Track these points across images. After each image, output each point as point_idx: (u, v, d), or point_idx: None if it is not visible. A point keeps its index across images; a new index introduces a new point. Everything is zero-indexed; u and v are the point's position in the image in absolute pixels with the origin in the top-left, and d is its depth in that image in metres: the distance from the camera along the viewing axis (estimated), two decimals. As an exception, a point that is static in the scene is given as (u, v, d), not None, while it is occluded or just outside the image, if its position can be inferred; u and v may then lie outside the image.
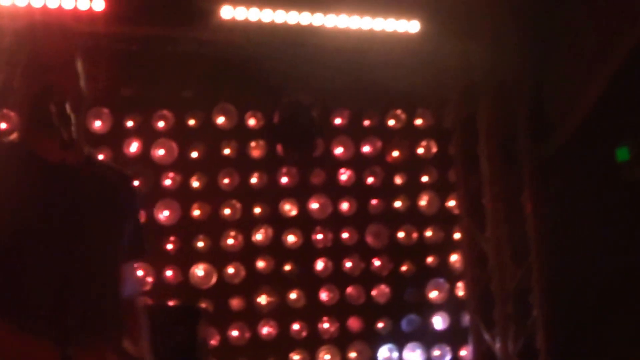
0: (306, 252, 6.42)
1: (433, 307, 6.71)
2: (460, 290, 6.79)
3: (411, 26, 6.03)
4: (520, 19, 6.30)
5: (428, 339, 6.65)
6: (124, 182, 2.67)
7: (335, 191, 6.55)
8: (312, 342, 6.35)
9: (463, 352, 6.74)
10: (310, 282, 6.40)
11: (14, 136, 2.54)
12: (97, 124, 5.92)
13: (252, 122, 6.38)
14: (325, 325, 6.41)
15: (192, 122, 6.23)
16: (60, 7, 5.16)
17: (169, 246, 6.06)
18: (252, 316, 6.20)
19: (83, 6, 5.22)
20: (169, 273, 6.02)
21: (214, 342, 6.00)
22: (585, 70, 6.28)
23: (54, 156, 2.37)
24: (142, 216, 5.72)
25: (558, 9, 6.20)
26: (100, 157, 5.62)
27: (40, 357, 2.26)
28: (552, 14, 6.25)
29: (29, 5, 5.09)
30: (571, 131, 6.56)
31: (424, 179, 6.80)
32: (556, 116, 6.58)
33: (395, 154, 6.74)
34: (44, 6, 5.13)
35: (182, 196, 6.12)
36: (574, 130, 6.54)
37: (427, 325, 6.68)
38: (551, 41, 6.36)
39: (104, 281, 2.46)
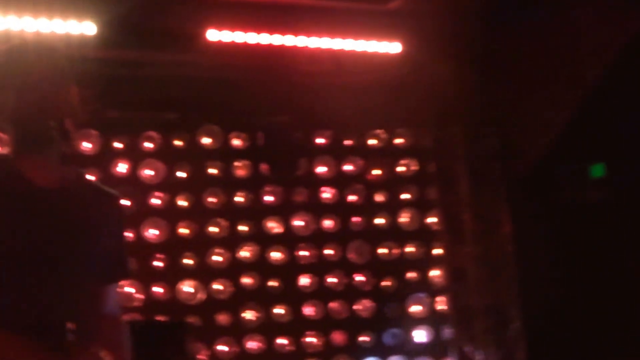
0: (290, 268, 6.52)
1: (415, 321, 6.83)
2: (441, 305, 6.93)
3: (393, 47, 6.19)
4: (495, 42, 6.50)
5: (410, 352, 6.76)
6: (110, 202, 2.63)
7: (318, 209, 6.67)
8: (297, 356, 6.44)
9: (444, 365, 6.89)
10: (294, 298, 6.51)
11: (3, 152, 2.57)
12: (86, 145, 6.04)
13: (236, 142, 6.50)
14: (310, 340, 6.52)
15: (178, 142, 6.34)
16: (52, 32, 5.28)
17: (158, 263, 6.14)
18: (238, 331, 6.29)
19: (74, 30, 5.35)
20: (157, 289, 6.11)
21: (202, 356, 6.09)
22: (554, 97, 6.47)
23: (40, 177, 2.41)
24: (128, 236, 5.89)
25: (528, 38, 6.39)
26: (91, 177, 5.84)
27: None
28: (522, 41, 6.44)
29: (22, 30, 5.21)
30: (543, 151, 6.74)
31: (405, 196, 6.93)
32: (527, 138, 6.76)
33: (376, 172, 6.88)
34: (37, 31, 5.24)
35: (170, 215, 6.22)
36: (546, 151, 6.72)
37: (409, 338, 6.80)
38: (520, 66, 6.54)
39: (83, 304, 2.44)
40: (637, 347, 6.21)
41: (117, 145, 6.18)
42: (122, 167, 6.16)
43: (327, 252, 6.67)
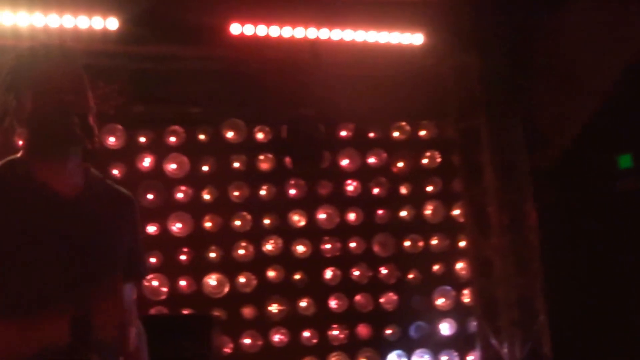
0: (315, 262, 6.54)
1: (440, 314, 6.82)
2: (467, 297, 6.91)
3: (415, 39, 6.16)
4: (520, 32, 6.44)
5: (436, 345, 6.75)
6: (126, 204, 2.61)
7: (342, 202, 6.67)
8: (322, 349, 6.46)
9: (470, 358, 6.85)
10: (319, 291, 6.52)
11: (20, 155, 2.48)
12: (112, 140, 6.09)
13: (260, 136, 6.53)
14: (335, 333, 6.53)
15: (202, 137, 6.37)
16: (75, 26, 5.31)
17: (183, 257, 6.18)
18: (263, 324, 6.32)
19: (97, 25, 5.38)
20: (182, 283, 6.15)
21: (227, 349, 6.12)
22: (581, 87, 6.41)
23: (57, 183, 2.39)
24: (152, 230, 5.93)
25: (555, 25, 6.34)
26: (115, 172, 5.88)
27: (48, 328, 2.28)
28: (550, 29, 6.39)
29: (45, 25, 5.25)
30: (569, 142, 6.68)
31: (429, 188, 6.93)
32: (553, 127, 6.71)
33: (400, 164, 6.87)
34: (60, 26, 5.28)
35: (194, 209, 6.25)
36: (572, 141, 6.67)
37: (435, 331, 6.79)
38: (547, 58, 6.49)
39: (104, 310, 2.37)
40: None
41: (142, 139, 6.23)
42: (146, 162, 6.21)
43: (352, 245, 6.67)
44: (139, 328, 2.66)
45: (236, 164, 6.44)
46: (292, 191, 6.58)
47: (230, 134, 6.43)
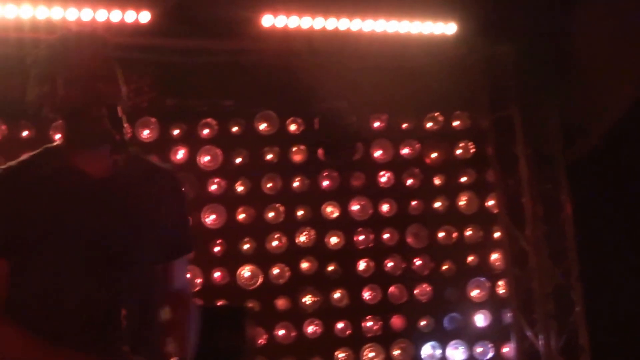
0: (348, 253, 6.54)
1: (475, 305, 6.79)
2: (502, 289, 6.87)
3: (448, 28, 6.12)
4: (555, 22, 6.37)
5: (470, 336, 6.73)
6: (167, 179, 2.61)
7: (375, 193, 6.67)
8: (356, 340, 6.47)
9: (505, 349, 6.81)
10: (353, 282, 6.52)
11: (56, 143, 2.54)
12: (145, 132, 6.13)
13: (293, 127, 6.53)
14: (369, 324, 6.54)
15: (235, 129, 6.40)
16: (108, 19, 5.35)
17: (216, 249, 6.22)
18: (297, 315, 6.34)
19: (130, 18, 5.41)
20: (216, 274, 6.19)
21: (261, 340, 6.15)
22: (617, 76, 6.32)
23: (92, 167, 2.42)
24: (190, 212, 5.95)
25: (592, 15, 6.25)
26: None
27: None
28: (586, 19, 6.30)
29: (78, 18, 5.29)
30: (604, 133, 6.60)
31: (463, 179, 6.90)
32: (589, 118, 6.63)
33: (434, 155, 6.85)
34: (93, 19, 5.32)
35: (228, 201, 6.28)
36: (608, 132, 6.58)
37: (469, 323, 6.76)
38: (583, 48, 6.41)
39: (143, 290, 2.44)
40: None
41: (175, 132, 6.26)
42: (180, 154, 6.25)
43: (385, 236, 6.66)
44: (186, 302, 2.64)
45: (269, 156, 6.46)
46: (325, 183, 6.58)
47: (263, 126, 6.44)
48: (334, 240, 6.53)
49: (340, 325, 6.46)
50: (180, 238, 2.62)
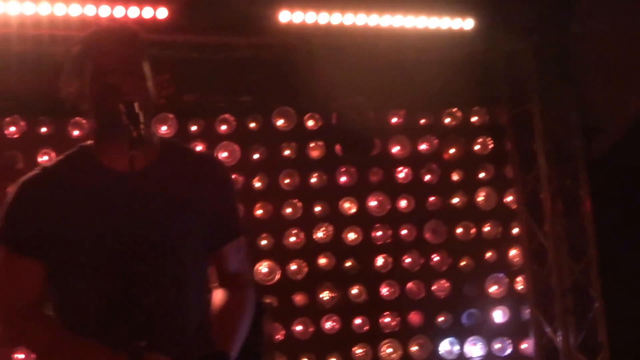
0: (366, 249, 6.53)
1: (493, 301, 6.77)
2: (520, 285, 6.84)
3: (466, 24, 6.09)
4: (574, 17, 6.33)
5: (489, 332, 6.71)
6: (207, 164, 2.62)
7: (393, 189, 6.65)
8: (374, 336, 6.46)
9: (524, 346, 6.79)
10: (370, 278, 6.51)
11: (89, 142, 2.55)
12: (163, 128, 6.14)
13: (310, 123, 6.53)
14: (387, 320, 6.53)
15: (252, 125, 6.40)
16: (126, 15, 5.37)
17: (234, 244, 6.22)
18: (315, 311, 6.33)
19: (147, 15, 5.43)
20: (234, 270, 6.19)
21: (279, 336, 6.15)
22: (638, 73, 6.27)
23: (120, 163, 2.38)
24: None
25: (612, 11, 6.21)
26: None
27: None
28: (606, 15, 6.26)
29: (96, 15, 5.31)
30: (624, 129, 6.55)
31: (481, 175, 6.88)
32: (609, 114, 6.58)
33: (452, 151, 6.83)
34: (111, 15, 5.34)
35: (245, 196, 6.24)
36: (628, 128, 6.53)
37: (488, 319, 6.74)
38: (603, 44, 6.36)
39: (188, 283, 2.46)
40: None
41: (193, 128, 6.27)
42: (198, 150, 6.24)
43: (403, 232, 6.64)
44: (242, 286, 2.63)
45: (287, 152, 6.46)
46: (343, 178, 6.57)
47: (280, 122, 6.44)
48: (351, 236, 6.52)
49: (357, 321, 6.45)
50: (225, 223, 2.63)
